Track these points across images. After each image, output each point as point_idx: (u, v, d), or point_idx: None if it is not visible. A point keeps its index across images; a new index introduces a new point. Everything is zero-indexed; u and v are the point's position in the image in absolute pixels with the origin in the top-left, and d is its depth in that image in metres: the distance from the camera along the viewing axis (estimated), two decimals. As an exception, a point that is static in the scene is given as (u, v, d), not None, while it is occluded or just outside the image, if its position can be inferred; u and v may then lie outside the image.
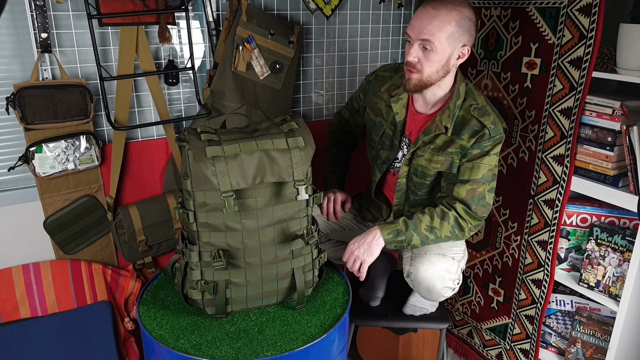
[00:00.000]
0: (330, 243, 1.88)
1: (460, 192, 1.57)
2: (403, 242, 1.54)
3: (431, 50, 1.47)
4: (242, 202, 1.40)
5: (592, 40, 1.59)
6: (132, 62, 1.80)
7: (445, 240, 1.57)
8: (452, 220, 1.55)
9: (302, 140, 1.42)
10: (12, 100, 1.63)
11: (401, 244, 1.54)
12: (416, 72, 1.52)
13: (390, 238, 1.53)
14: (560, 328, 1.94)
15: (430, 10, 1.46)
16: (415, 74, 1.52)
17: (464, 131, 1.56)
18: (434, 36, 1.45)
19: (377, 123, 1.74)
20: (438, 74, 1.52)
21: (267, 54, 1.96)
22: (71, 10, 1.70)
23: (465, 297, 2.27)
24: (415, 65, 1.51)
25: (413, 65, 1.51)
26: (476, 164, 1.56)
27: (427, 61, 1.49)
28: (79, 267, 1.87)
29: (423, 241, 1.55)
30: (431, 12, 1.46)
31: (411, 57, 1.50)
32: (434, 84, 1.54)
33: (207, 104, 1.95)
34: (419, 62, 1.50)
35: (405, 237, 1.53)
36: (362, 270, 1.54)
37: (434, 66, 1.50)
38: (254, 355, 1.38)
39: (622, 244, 1.66)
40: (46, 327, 1.79)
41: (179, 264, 1.57)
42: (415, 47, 1.49)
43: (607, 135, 1.63)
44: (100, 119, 1.85)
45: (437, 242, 1.58)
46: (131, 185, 1.95)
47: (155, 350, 1.46)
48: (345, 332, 1.61)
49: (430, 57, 1.49)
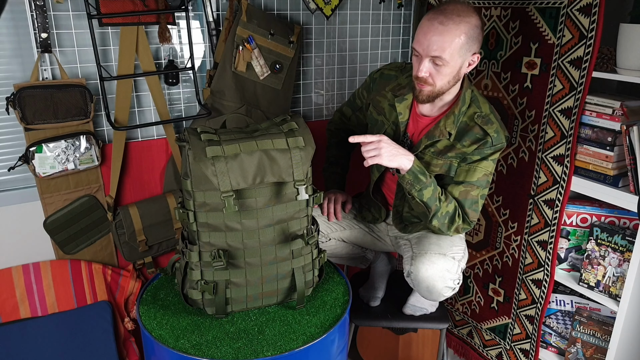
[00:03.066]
0: (330, 243, 1.88)
1: (454, 192, 1.58)
2: (420, 182, 1.51)
3: (442, 65, 1.46)
4: (242, 202, 1.40)
5: (592, 40, 1.59)
6: (132, 62, 1.80)
7: (439, 219, 1.57)
8: (452, 208, 1.57)
9: (302, 140, 1.42)
10: (12, 100, 1.63)
11: (417, 182, 1.51)
12: (428, 85, 1.51)
13: (417, 169, 1.51)
14: (560, 328, 1.94)
15: (437, 26, 1.43)
16: (427, 87, 1.51)
17: (466, 138, 1.56)
18: (444, 52, 1.44)
19: (379, 122, 1.73)
20: (450, 84, 1.52)
21: (267, 54, 1.96)
22: (71, 10, 1.70)
23: (465, 297, 2.27)
24: (426, 80, 1.50)
25: (425, 80, 1.50)
26: (473, 166, 1.57)
27: (439, 74, 1.48)
28: (79, 267, 1.87)
29: (430, 200, 1.53)
30: (439, 28, 1.43)
31: (422, 72, 1.48)
32: (446, 92, 1.54)
33: (207, 104, 1.94)
34: (430, 77, 1.49)
35: (425, 181, 1.51)
36: (368, 160, 1.49)
37: (446, 78, 1.49)
38: (254, 355, 1.38)
39: (622, 244, 1.66)
40: (46, 327, 1.79)
41: (179, 264, 1.56)
42: (426, 63, 1.48)
43: (607, 135, 1.63)
44: (100, 119, 1.85)
45: (435, 216, 1.56)
46: (131, 185, 1.95)
47: (155, 350, 1.46)
48: (345, 332, 1.61)
49: (442, 71, 1.48)
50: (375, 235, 1.91)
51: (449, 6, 1.46)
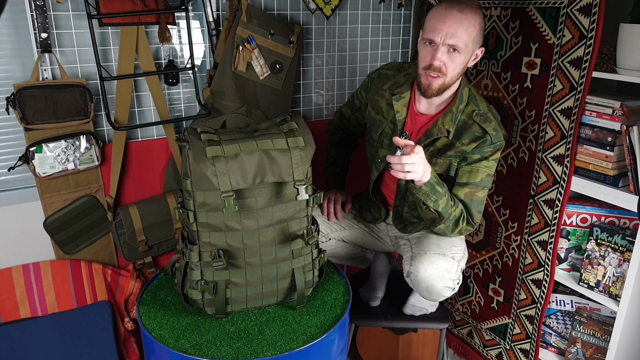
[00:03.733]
0: (330, 243, 1.88)
1: (459, 194, 1.57)
2: (437, 193, 1.48)
3: (457, 54, 1.47)
4: (242, 202, 1.40)
5: (592, 40, 1.59)
6: (132, 62, 1.80)
7: (446, 222, 1.56)
8: (459, 212, 1.56)
9: (302, 140, 1.42)
10: (12, 100, 1.63)
11: (434, 193, 1.48)
12: (441, 75, 1.50)
13: (434, 179, 1.48)
14: (560, 328, 1.94)
15: (457, 14, 1.44)
16: (439, 79, 1.50)
17: (465, 136, 1.56)
18: (462, 40, 1.45)
19: (377, 121, 1.73)
20: (458, 75, 1.52)
21: (267, 54, 1.96)
22: (71, 10, 1.70)
23: (465, 297, 2.27)
24: (441, 69, 1.49)
25: (439, 69, 1.49)
26: (475, 167, 1.57)
27: (452, 64, 1.48)
28: (79, 267, 1.87)
29: (444, 209, 1.51)
30: (458, 15, 1.44)
31: (437, 61, 1.47)
32: (451, 86, 1.54)
33: (207, 104, 1.94)
34: (444, 66, 1.49)
35: (441, 191, 1.49)
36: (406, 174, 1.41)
37: (457, 69, 1.50)
38: (254, 355, 1.38)
39: (622, 244, 1.66)
40: (46, 327, 1.79)
41: (179, 264, 1.56)
42: (442, 50, 1.47)
43: (607, 135, 1.63)
44: (100, 119, 1.85)
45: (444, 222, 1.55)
46: (131, 185, 1.95)
47: (155, 350, 1.46)
48: (345, 332, 1.61)
49: (455, 60, 1.48)
50: (375, 235, 1.91)
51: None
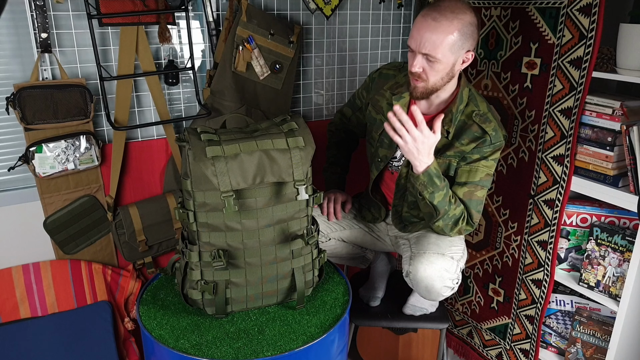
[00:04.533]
0: (330, 243, 1.88)
1: (458, 193, 1.57)
2: (434, 185, 1.49)
3: (435, 62, 1.47)
4: (242, 202, 1.40)
5: (592, 40, 1.59)
6: (132, 62, 1.80)
7: (445, 220, 1.56)
8: (459, 212, 1.56)
9: (302, 140, 1.42)
10: (12, 100, 1.63)
11: (431, 185, 1.49)
12: (421, 81, 1.52)
13: (433, 171, 1.48)
14: (560, 328, 1.94)
15: (430, 23, 1.44)
16: (421, 83, 1.52)
17: (465, 136, 1.56)
18: (436, 50, 1.44)
19: (378, 121, 1.74)
20: (443, 80, 1.52)
21: (267, 54, 1.96)
22: (71, 10, 1.70)
23: (465, 297, 2.27)
24: (420, 75, 1.51)
25: (418, 75, 1.51)
26: (474, 167, 1.57)
27: (432, 70, 1.49)
28: (79, 267, 1.87)
29: (440, 203, 1.52)
30: (432, 24, 1.44)
31: (415, 68, 1.50)
32: (440, 89, 1.55)
33: (207, 104, 1.95)
34: (423, 72, 1.50)
35: (439, 184, 1.50)
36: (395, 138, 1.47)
37: (439, 74, 1.50)
38: (254, 355, 1.38)
39: (622, 244, 1.66)
40: (46, 327, 1.79)
41: (179, 264, 1.56)
42: (419, 58, 1.49)
43: (607, 135, 1.63)
44: (100, 119, 1.85)
45: (441, 218, 1.56)
46: (131, 185, 1.95)
47: (155, 350, 1.46)
48: (345, 332, 1.61)
49: (434, 67, 1.48)
50: (375, 235, 1.91)
51: (444, 3, 1.46)
